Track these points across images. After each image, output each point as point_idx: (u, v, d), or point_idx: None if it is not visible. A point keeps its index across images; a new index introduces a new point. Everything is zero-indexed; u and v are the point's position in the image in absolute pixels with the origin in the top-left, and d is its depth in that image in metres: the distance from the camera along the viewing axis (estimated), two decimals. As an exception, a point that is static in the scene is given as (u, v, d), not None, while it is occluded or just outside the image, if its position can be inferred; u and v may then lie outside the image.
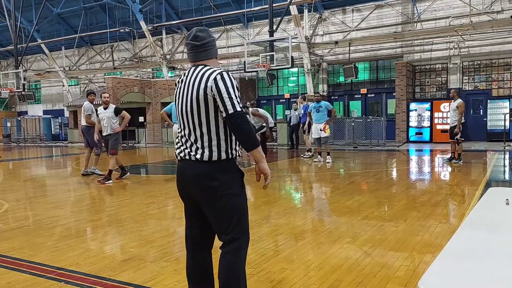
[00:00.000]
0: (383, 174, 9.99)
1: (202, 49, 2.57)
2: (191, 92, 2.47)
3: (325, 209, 6.36)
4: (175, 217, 5.87)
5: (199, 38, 2.56)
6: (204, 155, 2.45)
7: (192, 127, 2.49)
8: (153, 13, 23.89)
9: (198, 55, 2.58)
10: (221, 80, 2.41)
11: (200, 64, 2.57)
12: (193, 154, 2.48)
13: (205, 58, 2.59)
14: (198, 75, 2.48)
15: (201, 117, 2.45)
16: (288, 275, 3.49)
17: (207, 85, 2.41)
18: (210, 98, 2.41)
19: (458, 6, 17.64)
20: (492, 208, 2.48)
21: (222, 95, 2.38)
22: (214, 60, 2.64)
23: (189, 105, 2.47)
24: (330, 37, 20.61)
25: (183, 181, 2.58)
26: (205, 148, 2.45)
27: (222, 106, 2.38)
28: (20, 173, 11.97)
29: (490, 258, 1.65)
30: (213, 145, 2.44)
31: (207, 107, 2.43)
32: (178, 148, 2.60)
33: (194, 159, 2.47)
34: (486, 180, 8.23)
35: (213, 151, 2.44)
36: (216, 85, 2.40)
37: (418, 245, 4.23)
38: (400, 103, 18.32)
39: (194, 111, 2.46)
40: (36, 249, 4.41)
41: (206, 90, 2.41)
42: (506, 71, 17.63)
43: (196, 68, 2.55)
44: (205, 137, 2.46)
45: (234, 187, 2.49)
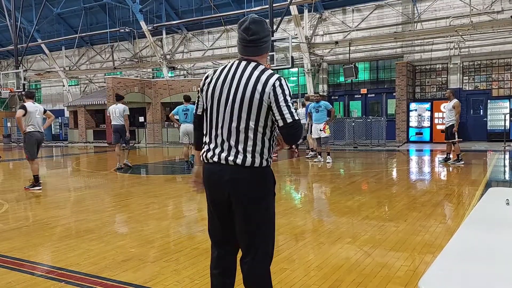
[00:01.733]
0: (383, 174, 9.98)
1: (252, 44, 2.35)
2: (241, 92, 2.28)
3: (325, 209, 6.36)
4: (175, 217, 5.87)
5: (251, 32, 2.33)
6: (246, 160, 2.29)
7: (235, 129, 2.30)
8: (153, 13, 23.90)
9: (247, 49, 2.38)
10: (279, 87, 2.27)
11: (248, 59, 2.37)
12: (231, 158, 2.30)
13: (255, 54, 2.39)
14: (251, 75, 2.29)
15: (250, 121, 2.28)
16: (288, 275, 3.49)
17: (265, 90, 2.24)
18: (265, 104, 2.26)
19: (458, 6, 17.64)
20: (492, 208, 2.47)
21: (280, 104, 2.24)
22: (265, 55, 2.46)
23: (237, 105, 2.29)
24: (330, 37, 20.61)
25: (218, 185, 2.37)
26: (247, 153, 2.29)
27: (279, 115, 2.25)
28: (20, 173, 11.97)
29: (490, 258, 1.65)
30: (256, 151, 2.30)
31: (259, 112, 2.27)
32: (208, 150, 2.39)
33: (232, 163, 2.29)
34: (486, 180, 8.22)
35: (256, 157, 2.30)
36: (274, 92, 2.25)
37: (418, 245, 4.23)
38: (400, 103, 18.32)
39: (243, 113, 2.28)
40: (36, 249, 4.41)
41: (263, 95, 2.24)
42: (506, 71, 17.63)
43: (246, 64, 2.35)
44: (250, 142, 2.29)
45: (270, 195, 2.40)
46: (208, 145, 2.41)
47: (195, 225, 5.26)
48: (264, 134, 2.31)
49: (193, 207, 6.43)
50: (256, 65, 2.33)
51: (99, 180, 9.83)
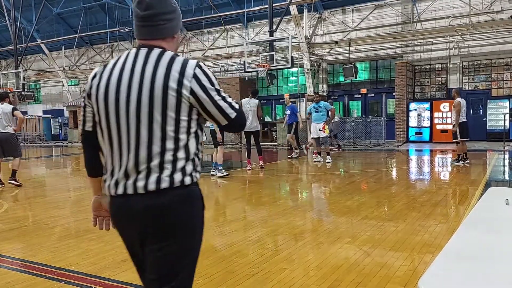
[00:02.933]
0: (382, 174, 9.99)
1: (148, 22, 1.76)
2: (148, 90, 1.67)
3: (324, 209, 6.36)
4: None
5: (145, 6, 1.75)
6: (161, 181, 1.67)
7: (146, 142, 1.69)
8: (153, 13, 23.88)
9: (142, 29, 1.79)
10: (203, 75, 1.71)
11: (149, 45, 1.77)
12: (141, 184, 1.68)
13: (155, 36, 1.78)
14: (158, 64, 1.69)
15: (167, 127, 1.68)
16: (287, 275, 3.49)
17: (182, 83, 1.66)
18: (186, 102, 1.68)
19: (458, 6, 17.64)
20: (492, 208, 2.47)
21: (214, 98, 1.72)
22: (171, 40, 1.83)
23: (144, 109, 1.68)
24: (330, 37, 20.61)
25: (127, 221, 1.78)
26: (164, 170, 1.68)
27: (219, 113, 1.75)
28: (20, 173, 11.95)
29: (490, 258, 1.65)
30: (177, 166, 1.70)
31: (178, 114, 1.68)
32: (111, 178, 1.77)
33: (143, 191, 1.68)
34: (486, 180, 8.23)
35: (176, 174, 1.69)
36: (199, 84, 1.69)
37: (418, 245, 4.23)
38: (400, 103, 18.33)
39: (154, 119, 1.67)
40: (36, 249, 4.41)
41: (180, 91, 1.66)
42: (506, 71, 17.64)
43: (147, 52, 1.74)
44: (167, 155, 1.69)
45: (197, 226, 1.84)
46: (109, 172, 1.78)
47: (195, 225, 5.25)
48: (187, 141, 1.73)
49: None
50: (162, 52, 1.73)
51: (99, 180, 9.81)
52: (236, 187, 8.40)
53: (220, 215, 5.95)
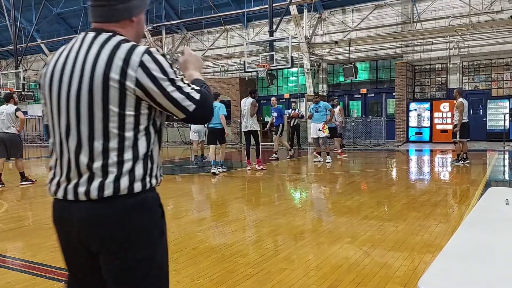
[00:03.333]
0: (382, 174, 9.99)
1: (101, 3, 1.54)
2: (88, 81, 1.46)
3: (324, 209, 6.36)
4: (175, 217, 5.86)
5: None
6: (104, 188, 1.47)
7: (87, 140, 1.48)
8: (153, 13, 23.88)
9: (95, 11, 1.56)
10: (153, 62, 1.46)
11: (100, 28, 1.54)
12: (82, 190, 1.49)
13: (109, 19, 1.55)
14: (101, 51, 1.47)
15: (108, 125, 1.47)
16: (287, 275, 3.49)
17: (126, 73, 1.44)
18: (130, 95, 1.45)
19: (458, 6, 17.64)
20: (492, 208, 2.47)
21: (167, 90, 1.47)
22: (128, 24, 1.57)
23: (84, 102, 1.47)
24: (330, 37, 20.61)
25: (67, 228, 1.58)
26: (107, 175, 1.47)
27: (174, 107, 1.50)
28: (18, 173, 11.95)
29: (490, 258, 1.65)
30: (124, 169, 1.48)
31: (122, 109, 1.46)
32: (53, 178, 1.59)
33: (84, 198, 1.49)
34: (486, 180, 8.23)
35: (121, 180, 1.48)
36: (148, 73, 1.45)
37: (418, 245, 4.23)
38: (400, 103, 18.33)
39: (95, 114, 1.46)
40: (36, 249, 4.41)
41: (124, 82, 1.44)
42: (506, 71, 17.64)
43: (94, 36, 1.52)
44: (110, 157, 1.47)
45: (151, 234, 1.57)
46: (52, 171, 1.60)
47: (195, 225, 5.26)
48: (135, 140, 1.50)
49: (193, 207, 6.43)
50: (110, 37, 1.51)
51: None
52: (236, 187, 8.40)
53: (220, 215, 5.95)
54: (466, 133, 10.56)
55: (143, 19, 1.64)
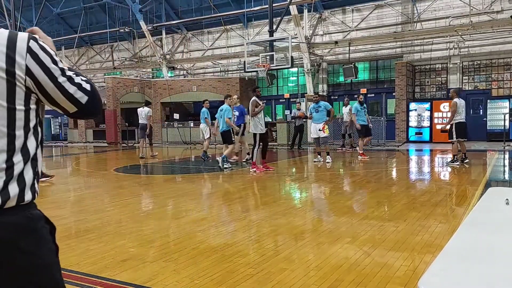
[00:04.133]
0: (383, 174, 9.99)
1: None
2: None
3: (325, 209, 6.36)
4: (175, 217, 5.87)
5: None
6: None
7: None
8: (153, 13, 23.91)
9: None
10: (41, 50, 1.30)
11: None
12: None
13: None
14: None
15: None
16: (288, 275, 3.49)
17: (14, 60, 1.25)
18: (20, 86, 1.27)
19: (458, 6, 17.64)
20: (492, 208, 2.47)
21: (58, 80, 1.31)
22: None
23: None
24: (330, 37, 20.61)
25: None
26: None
27: (65, 98, 1.33)
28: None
29: (490, 258, 1.65)
30: (13, 175, 1.28)
31: (11, 103, 1.26)
32: None
33: None
34: (486, 180, 8.23)
35: (10, 186, 1.27)
36: (37, 61, 1.28)
37: (418, 245, 4.23)
38: (400, 103, 18.33)
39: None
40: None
41: (12, 71, 1.25)
42: (506, 71, 17.64)
43: None
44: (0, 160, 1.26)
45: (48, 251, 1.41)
46: None
47: (195, 225, 5.26)
48: (25, 140, 1.31)
49: (193, 207, 6.43)
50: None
51: (99, 180, 9.83)
52: (236, 187, 8.40)
53: (220, 215, 5.95)
54: (462, 133, 10.45)
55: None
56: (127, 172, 11.29)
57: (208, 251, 4.16)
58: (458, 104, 10.31)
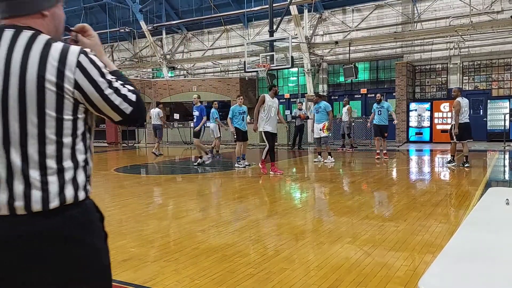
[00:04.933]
0: (383, 174, 9.99)
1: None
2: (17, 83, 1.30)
3: (325, 209, 6.36)
4: (175, 217, 5.87)
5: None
6: (50, 196, 1.33)
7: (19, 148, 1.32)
8: (153, 13, 23.91)
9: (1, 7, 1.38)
10: (90, 63, 1.38)
11: (14, 25, 1.37)
12: (19, 203, 1.31)
13: (16, 13, 1.38)
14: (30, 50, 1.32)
15: (45, 131, 1.33)
16: (288, 275, 3.49)
17: (64, 74, 1.33)
18: (69, 98, 1.35)
19: (458, 6, 17.65)
20: (492, 208, 2.48)
21: (104, 92, 1.40)
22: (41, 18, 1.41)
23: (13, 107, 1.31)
24: (330, 37, 20.61)
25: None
26: (48, 185, 1.34)
27: (111, 109, 1.42)
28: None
29: (490, 258, 1.65)
30: (65, 178, 1.37)
31: (60, 113, 1.35)
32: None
33: (22, 210, 1.31)
34: (486, 180, 8.23)
35: (67, 188, 1.37)
36: (86, 74, 1.36)
37: (418, 245, 4.23)
38: (400, 103, 18.33)
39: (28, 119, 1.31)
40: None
41: (61, 84, 1.33)
42: (506, 71, 17.64)
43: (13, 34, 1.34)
44: (49, 165, 1.35)
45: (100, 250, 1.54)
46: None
47: (195, 225, 5.27)
48: (74, 146, 1.40)
49: (193, 207, 6.43)
50: (34, 35, 1.36)
51: (99, 180, 9.82)
52: (236, 187, 8.41)
53: (221, 215, 5.95)
54: (466, 134, 10.02)
55: (59, 15, 1.49)
56: (128, 172, 11.29)
57: (209, 251, 4.17)
58: (462, 103, 9.95)
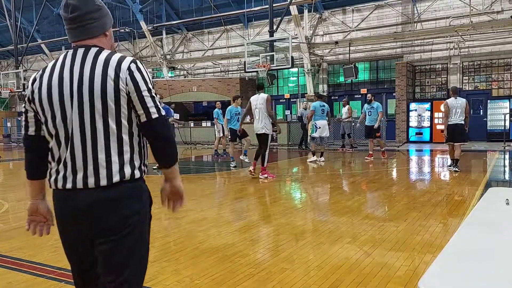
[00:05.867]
0: (383, 174, 9.98)
1: (77, 23, 1.84)
2: (88, 83, 1.73)
3: (325, 209, 6.36)
4: (175, 217, 5.87)
5: (71, 9, 1.82)
6: (112, 173, 1.75)
7: (91, 135, 1.74)
8: (153, 13, 23.90)
9: (73, 32, 1.86)
10: (137, 71, 1.78)
11: (84, 45, 1.84)
12: (91, 178, 1.74)
13: (87, 36, 1.85)
14: (96, 60, 1.77)
15: (109, 119, 1.74)
16: (288, 275, 3.50)
17: (118, 75, 1.74)
18: (124, 94, 1.75)
19: (458, 6, 17.65)
20: (492, 208, 2.48)
21: (143, 93, 1.77)
22: (103, 38, 1.90)
23: (86, 103, 1.73)
24: (330, 37, 20.61)
25: (75, 218, 1.79)
26: (113, 164, 1.75)
27: (141, 108, 1.77)
28: (20, 173, 11.97)
29: (490, 258, 1.65)
30: (125, 159, 1.77)
31: (118, 105, 1.75)
32: (57, 173, 1.81)
33: (93, 185, 1.74)
34: (486, 180, 8.23)
35: (125, 167, 1.77)
36: (132, 78, 1.76)
37: (418, 245, 4.24)
38: (400, 103, 18.33)
39: (96, 111, 1.73)
40: (36, 249, 4.41)
41: (118, 82, 1.73)
42: (506, 71, 17.64)
43: (84, 51, 1.81)
44: (113, 148, 1.76)
45: (146, 219, 1.91)
46: (56, 168, 1.82)
47: (195, 225, 5.27)
48: (131, 135, 1.80)
49: (193, 207, 6.43)
50: (99, 50, 1.82)
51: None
52: (236, 187, 8.41)
53: (221, 215, 5.95)
54: (450, 136, 9.49)
55: (111, 32, 1.98)
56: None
57: (209, 251, 4.17)
58: (450, 104, 9.45)
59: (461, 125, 9.48)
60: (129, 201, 1.80)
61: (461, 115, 9.45)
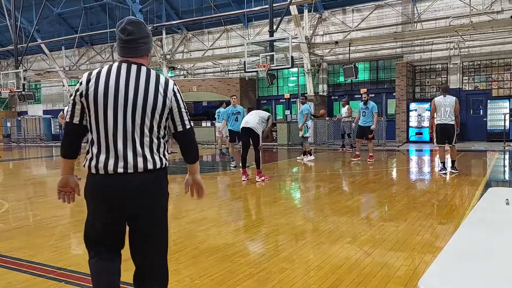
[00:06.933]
0: (383, 174, 9.99)
1: (129, 44, 2.33)
2: (143, 93, 2.26)
3: (325, 209, 6.36)
4: (175, 217, 5.87)
5: (127, 32, 2.32)
6: (155, 163, 2.31)
7: (139, 132, 2.27)
8: (153, 13, 23.89)
9: (125, 50, 2.35)
10: (178, 92, 2.40)
11: (129, 61, 2.34)
12: (133, 165, 2.25)
13: (134, 55, 2.35)
14: (149, 76, 2.31)
15: (154, 123, 2.30)
16: (288, 275, 3.50)
17: (167, 93, 2.32)
18: (168, 107, 2.34)
19: (458, 6, 17.64)
20: (492, 208, 2.48)
21: (182, 110, 2.39)
22: (145, 58, 2.43)
23: (139, 107, 2.25)
24: (330, 37, 20.61)
25: (118, 198, 2.29)
26: (154, 155, 2.31)
27: (180, 121, 2.39)
28: (20, 173, 11.97)
29: (490, 258, 1.65)
30: (160, 152, 2.35)
31: (162, 114, 2.32)
32: (104, 159, 2.27)
33: (134, 170, 2.26)
34: (486, 180, 8.23)
35: (162, 158, 2.36)
36: (175, 97, 2.36)
37: (418, 245, 4.24)
38: (400, 103, 18.33)
39: (146, 116, 2.27)
40: (36, 249, 4.41)
41: (165, 98, 2.31)
42: (506, 71, 17.64)
43: (130, 66, 2.32)
44: (154, 144, 2.32)
45: (167, 200, 2.47)
46: (100, 155, 2.27)
47: (195, 224, 5.27)
48: (163, 137, 2.39)
49: (193, 206, 6.43)
50: (149, 69, 2.36)
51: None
52: (236, 187, 8.41)
53: (221, 215, 5.95)
54: (438, 138, 9.07)
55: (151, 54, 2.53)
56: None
57: (209, 251, 4.17)
58: (437, 103, 8.99)
59: (450, 126, 8.89)
60: (164, 180, 2.39)
61: (451, 114, 8.87)
